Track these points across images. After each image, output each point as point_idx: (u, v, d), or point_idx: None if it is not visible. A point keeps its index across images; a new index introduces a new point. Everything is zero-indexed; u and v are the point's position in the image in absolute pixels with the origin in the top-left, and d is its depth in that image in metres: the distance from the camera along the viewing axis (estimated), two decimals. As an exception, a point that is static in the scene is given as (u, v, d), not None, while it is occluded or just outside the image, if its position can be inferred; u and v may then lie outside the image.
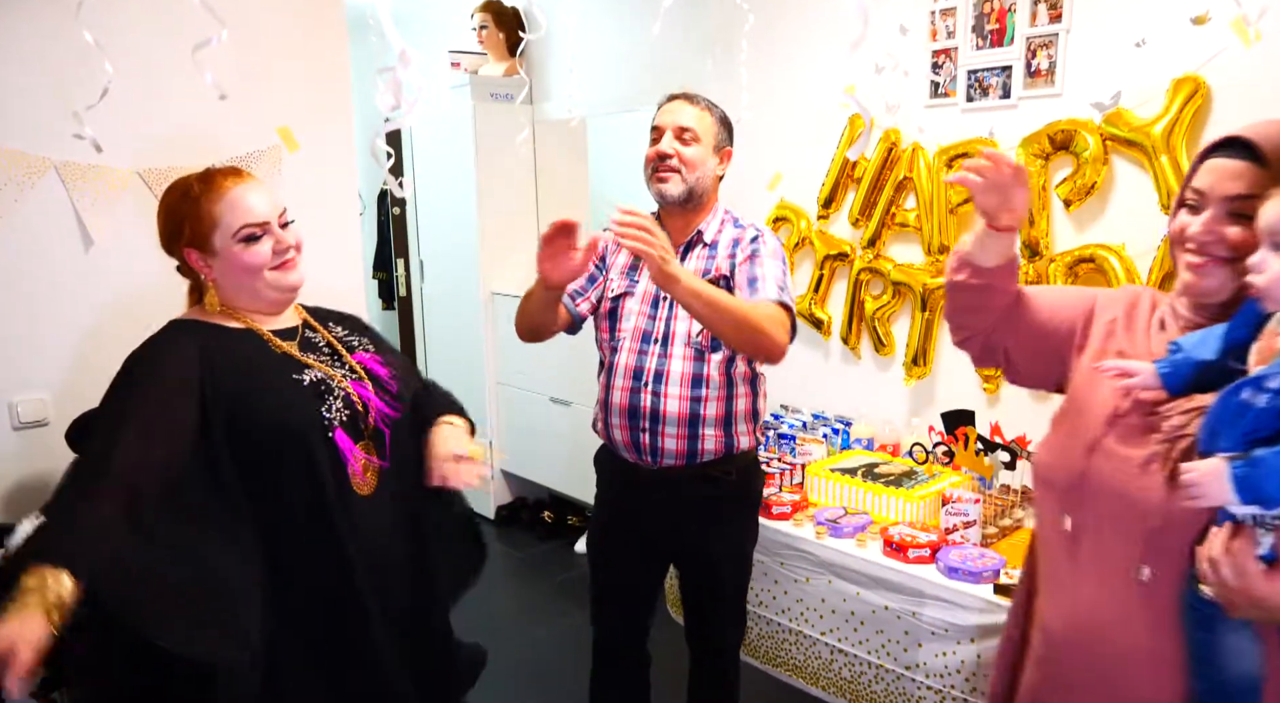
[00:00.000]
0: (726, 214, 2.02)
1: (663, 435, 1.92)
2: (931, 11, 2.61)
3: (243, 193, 1.42)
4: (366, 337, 1.62)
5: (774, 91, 3.02)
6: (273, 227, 1.44)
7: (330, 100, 2.77)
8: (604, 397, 1.99)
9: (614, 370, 1.97)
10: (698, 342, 1.92)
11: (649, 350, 1.93)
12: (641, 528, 2.03)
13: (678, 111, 1.94)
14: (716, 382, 1.93)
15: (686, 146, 1.91)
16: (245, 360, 1.42)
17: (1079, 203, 2.34)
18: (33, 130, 2.29)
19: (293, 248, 1.47)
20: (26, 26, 2.27)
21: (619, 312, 1.99)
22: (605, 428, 2.01)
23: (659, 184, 1.93)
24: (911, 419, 2.84)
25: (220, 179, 1.43)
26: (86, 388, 2.39)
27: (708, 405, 1.92)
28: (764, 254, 1.92)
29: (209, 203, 1.41)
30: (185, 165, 2.47)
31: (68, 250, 2.40)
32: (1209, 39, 2.07)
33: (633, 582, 2.11)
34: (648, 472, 1.97)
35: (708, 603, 2.10)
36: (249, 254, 1.42)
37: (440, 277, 4.37)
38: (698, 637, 2.15)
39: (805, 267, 3.08)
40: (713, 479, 1.97)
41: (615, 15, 3.64)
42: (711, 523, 2.01)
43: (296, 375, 1.45)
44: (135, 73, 2.24)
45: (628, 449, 1.97)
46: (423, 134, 4.29)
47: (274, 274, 1.45)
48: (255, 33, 2.56)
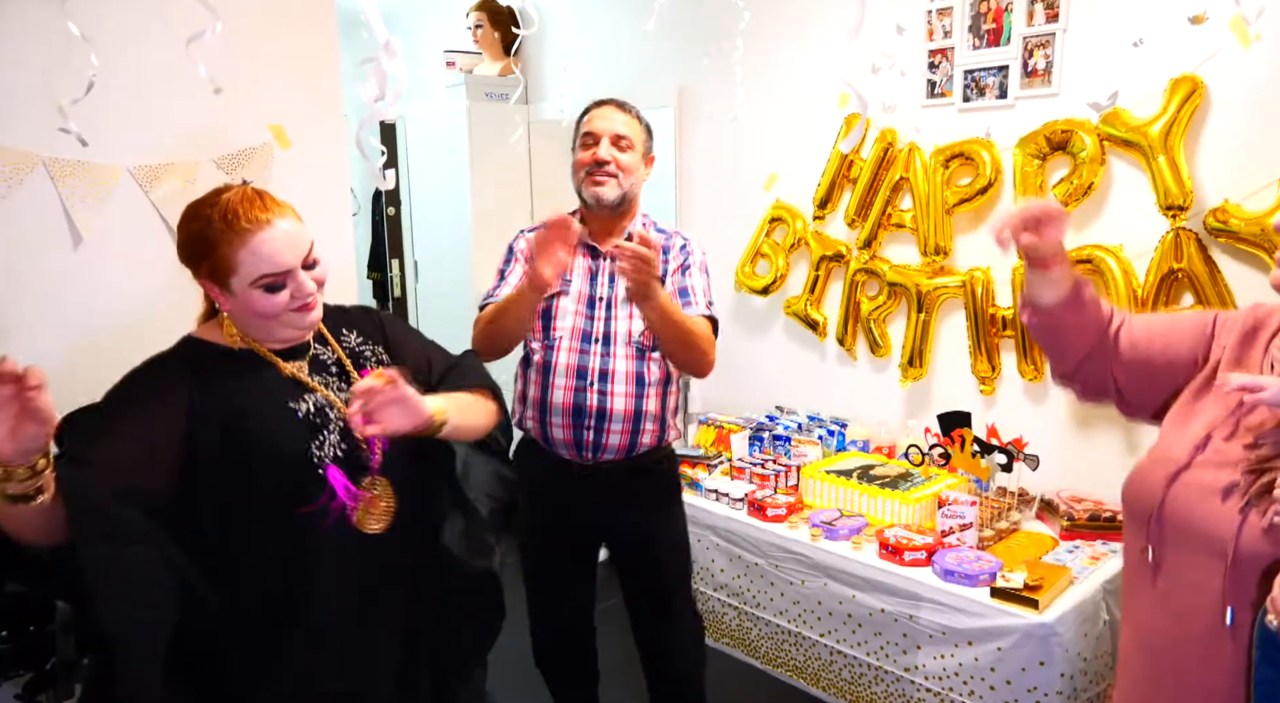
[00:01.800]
0: (645, 218, 2.11)
1: (608, 433, 1.99)
2: (928, 11, 2.60)
3: (265, 239, 1.26)
4: (381, 341, 1.50)
5: (770, 90, 3.00)
6: (296, 273, 1.30)
7: (322, 98, 2.75)
8: (539, 396, 2.02)
9: (551, 370, 2.00)
10: (639, 341, 2.00)
11: (590, 350, 1.99)
12: (573, 521, 2.10)
13: (612, 118, 2.02)
14: (656, 379, 2.02)
15: (622, 153, 2.00)
16: (242, 391, 1.33)
17: (1076, 203, 2.33)
18: (20, 126, 2.27)
19: (311, 294, 1.33)
20: (12, 19, 2.25)
21: (553, 311, 2.02)
22: (541, 426, 2.03)
23: (595, 188, 1.99)
24: (907, 421, 2.83)
25: (243, 219, 1.26)
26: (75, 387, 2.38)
27: (649, 402, 2.01)
28: (694, 266, 2.03)
29: (228, 247, 1.27)
30: (176, 161, 2.47)
31: (57, 248, 2.38)
32: (1207, 39, 2.06)
33: (571, 578, 2.18)
34: (581, 467, 2.03)
35: (655, 598, 2.16)
36: (265, 302, 1.30)
37: (434, 277, 4.35)
38: (645, 641, 2.20)
39: (801, 267, 3.07)
40: (644, 470, 2.06)
41: (610, 14, 3.63)
42: (648, 510, 2.09)
43: (293, 404, 1.35)
44: (125, 68, 2.22)
45: (567, 447, 2.02)
46: (416, 133, 4.27)
47: (291, 316, 1.34)
48: (247, 29, 2.54)
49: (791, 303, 3.09)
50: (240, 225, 1.27)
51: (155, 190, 2.50)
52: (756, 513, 2.54)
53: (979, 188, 2.51)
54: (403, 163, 4.34)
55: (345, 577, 1.36)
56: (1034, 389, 2.53)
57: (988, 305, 2.54)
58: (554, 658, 2.26)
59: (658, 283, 1.78)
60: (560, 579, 2.18)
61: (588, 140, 2.02)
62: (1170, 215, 2.17)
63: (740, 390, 3.29)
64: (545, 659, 2.26)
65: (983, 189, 2.50)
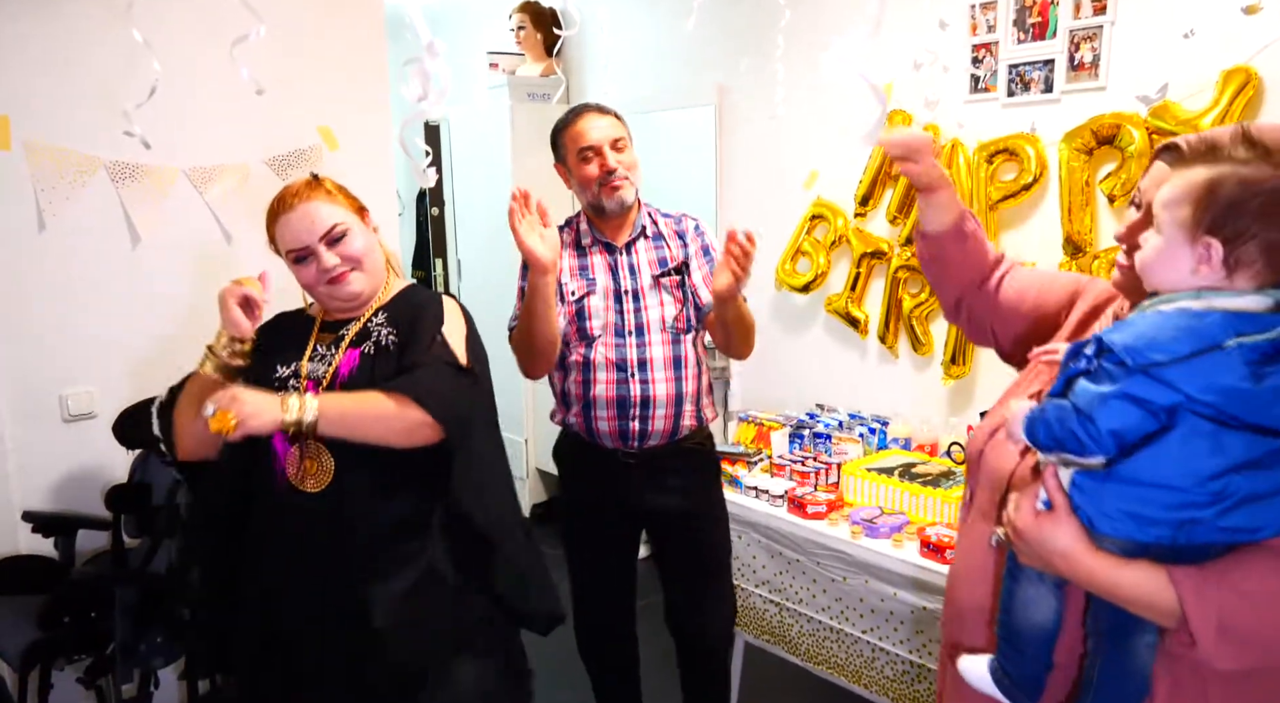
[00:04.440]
0: (648, 207, 2.16)
1: (652, 419, 2.04)
2: (972, 5, 2.58)
3: (289, 219, 1.49)
4: (395, 328, 1.54)
5: (810, 88, 3.00)
6: (316, 248, 1.49)
7: (370, 100, 2.82)
8: (580, 392, 2.06)
9: (591, 366, 2.04)
10: (674, 327, 2.06)
11: (625, 342, 2.04)
12: (617, 512, 2.13)
13: (604, 126, 2.05)
14: (692, 360, 2.09)
15: (622, 154, 2.04)
16: (273, 350, 1.54)
17: (1124, 199, 2.29)
18: (82, 130, 2.36)
19: (336, 267, 1.49)
20: (74, 28, 2.33)
21: (585, 312, 2.05)
22: (586, 421, 2.07)
23: (615, 194, 2.03)
24: (950, 419, 2.80)
25: (286, 200, 1.51)
26: (133, 381, 2.47)
27: (687, 384, 2.07)
28: (713, 247, 2.11)
29: (273, 224, 1.52)
30: (229, 163, 2.55)
31: (116, 247, 2.47)
32: (1261, 29, 2.02)
33: (615, 567, 2.21)
34: (626, 454, 2.07)
35: (694, 576, 2.19)
36: (300, 273, 1.53)
37: (478, 275, 4.40)
38: (683, 621, 2.24)
39: (842, 265, 3.06)
40: (687, 451, 2.12)
41: (650, 13, 3.64)
42: (690, 490, 2.14)
43: (281, 367, 1.52)
44: (180, 73, 2.29)
45: (612, 438, 2.06)
46: (460, 134, 4.33)
47: (326, 288, 1.52)
48: (297, 34, 2.61)
49: (833, 300, 3.08)
50: (278, 208, 1.51)
51: (209, 191, 2.58)
52: (796, 510, 2.54)
53: (1023, 184, 2.48)
54: (446, 163, 4.41)
55: (286, 532, 1.49)
56: (1080, 387, 2.49)
57: (1032, 302, 2.51)
58: (597, 648, 2.29)
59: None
60: (604, 570, 2.22)
61: (588, 154, 2.03)
62: (1157, 149, 2.12)
63: (781, 388, 3.28)
64: (588, 650, 2.29)
65: (1027, 185, 2.47)
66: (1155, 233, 1.00)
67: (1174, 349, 0.90)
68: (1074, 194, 2.38)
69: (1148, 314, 0.97)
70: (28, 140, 2.28)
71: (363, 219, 1.56)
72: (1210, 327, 0.91)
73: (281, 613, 1.51)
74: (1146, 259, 1.00)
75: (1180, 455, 0.91)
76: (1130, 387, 0.92)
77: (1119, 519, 0.96)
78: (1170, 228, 0.97)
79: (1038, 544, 1.01)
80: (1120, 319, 1.15)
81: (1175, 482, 0.92)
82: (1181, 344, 0.90)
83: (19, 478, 2.39)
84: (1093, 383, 0.95)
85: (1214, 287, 0.95)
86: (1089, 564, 0.97)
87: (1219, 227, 0.94)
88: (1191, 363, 0.90)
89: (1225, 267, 0.94)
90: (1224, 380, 0.89)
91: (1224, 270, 0.95)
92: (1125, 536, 0.96)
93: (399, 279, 1.65)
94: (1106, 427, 0.93)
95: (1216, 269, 0.95)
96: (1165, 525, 0.93)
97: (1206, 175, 0.95)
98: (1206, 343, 0.90)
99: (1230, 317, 0.92)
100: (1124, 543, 0.96)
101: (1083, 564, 0.98)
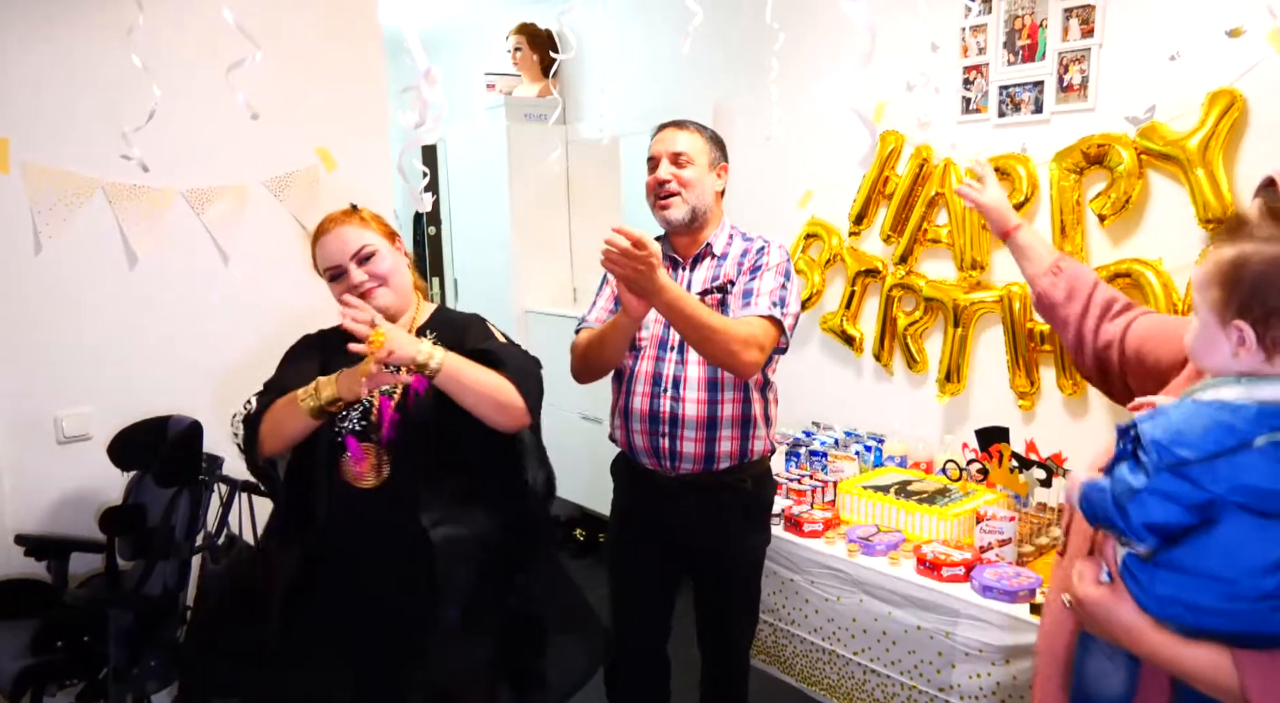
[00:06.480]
0: (734, 229, 2.12)
1: (681, 439, 1.99)
2: (962, 28, 2.61)
3: (326, 241, 1.67)
4: (446, 343, 1.63)
5: (805, 109, 3.03)
6: (346, 266, 1.65)
7: (367, 121, 2.83)
8: (623, 404, 2.06)
9: (633, 377, 2.04)
10: None
11: (666, 357, 2.02)
12: (659, 535, 2.10)
13: (669, 139, 2.05)
14: (731, 384, 2.00)
15: (682, 169, 2.01)
16: (332, 363, 1.65)
17: (1114, 217, 2.31)
18: (81, 151, 2.37)
19: (364, 283, 1.65)
20: (73, 51, 2.35)
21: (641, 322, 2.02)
22: (625, 434, 2.07)
23: (663, 210, 2.02)
24: (945, 436, 2.81)
25: (325, 225, 1.69)
26: (128, 403, 2.46)
27: (724, 408, 2.00)
28: (766, 268, 1.99)
29: (314, 247, 1.70)
30: (226, 185, 2.56)
31: (112, 269, 2.47)
32: (1245, 51, 2.04)
33: (653, 588, 2.17)
34: (666, 479, 2.03)
35: (722, 607, 2.17)
36: (335, 289, 1.68)
37: (474, 295, 4.42)
38: (710, 638, 2.21)
39: (837, 283, 3.07)
40: (729, 487, 2.04)
41: (646, 36, 3.68)
42: (727, 531, 2.07)
43: None
44: (179, 95, 2.31)
45: (647, 455, 2.04)
46: (457, 154, 4.36)
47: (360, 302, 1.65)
48: (295, 55, 2.63)
49: (828, 318, 3.10)
50: (318, 233, 1.70)
51: (206, 212, 2.58)
52: (793, 528, 2.54)
53: (1015, 203, 2.50)
54: (443, 183, 4.43)
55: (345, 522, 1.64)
56: (1073, 404, 2.50)
57: (1026, 320, 2.52)
58: (628, 687, 2.22)
59: (657, 277, 1.71)
60: (644, 592, 2.17)
61: (650, 165, 2.05)
62: (1210, 228, 2.15)
63: (776, 406, 3.29)
64: (619, 688, 2.22)
65: (1019, 204, 2.50)
66: (1194, 316, 0.97)
67: (1202, 447, 0.88)
68: (1065, 213, 2.40)
69: (1185, 404, 0.95)
70: (26, 162, 2.29)
71: (393, 243, 1.74)
72: (1242, 422, 0.88)
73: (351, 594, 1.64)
74: (1191, 345, 0.98)
75: (1227, 547, 0.89)
76: (1160, 483, 0.90)
77: (1170, 605, 0.93)
78: (1204, 311, 0.95)
79: (1101, 618, 0.99)
80: None
81: (1224, 573, 0.89)
82: (1210, 442, 0.88)
83: (12, 500, 2.38)
84: (1130, 472, 0.93)
85: (1256, 371, 0.92)
86: (1152, 641, 0.95)
87: (1248, 308, 0.90)
88: (1217, 463, 0.87)
89: (1263, 348, 0.91)
90: (1249, 481, 0.87)
91: (1262, 353, 0.91)
92: (1175, 620, 0.93)
93: (428, 304, 1.80)
94: (1139, 521, 0.91)
95: (1254, 352, 0.91)
96: (1219, 615, 0.90)
97: (1233, 255, 0.92)
98: (1235, 441, 0.88)
99: (1267, 410, 0.89)
100: (1178, 626, 0.94)
101: (1146, 641, 0.95)
